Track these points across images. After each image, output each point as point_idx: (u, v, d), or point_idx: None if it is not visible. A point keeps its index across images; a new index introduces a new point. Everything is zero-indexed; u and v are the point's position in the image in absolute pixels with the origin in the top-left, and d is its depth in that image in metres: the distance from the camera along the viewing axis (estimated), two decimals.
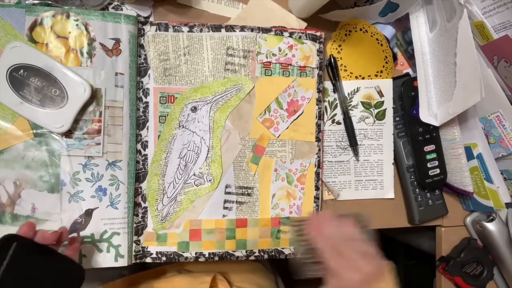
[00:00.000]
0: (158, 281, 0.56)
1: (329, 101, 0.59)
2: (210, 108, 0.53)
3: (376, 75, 0.59)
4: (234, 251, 0.54)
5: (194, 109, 0.53)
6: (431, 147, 0.59)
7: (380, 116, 0.59)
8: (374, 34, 0.58)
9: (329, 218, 0.47)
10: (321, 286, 0.44)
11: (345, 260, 0.42)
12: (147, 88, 0.51)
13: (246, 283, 0.60)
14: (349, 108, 0.59)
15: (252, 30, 0.53)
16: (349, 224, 0.46)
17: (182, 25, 0.52)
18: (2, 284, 0.34)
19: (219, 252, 0.53)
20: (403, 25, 0.59)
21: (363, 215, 0.48)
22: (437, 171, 0.59)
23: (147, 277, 0.58)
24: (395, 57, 0.60)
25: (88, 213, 0.48)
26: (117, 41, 0.48)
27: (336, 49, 0.58)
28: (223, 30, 0.53)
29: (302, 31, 0.55)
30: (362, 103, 0.59)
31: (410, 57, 0.61)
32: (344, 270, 0.41)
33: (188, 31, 0.52)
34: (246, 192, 0.54)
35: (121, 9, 0.52)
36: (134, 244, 0.51)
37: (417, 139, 0.59)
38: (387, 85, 0.59)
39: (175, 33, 0.52)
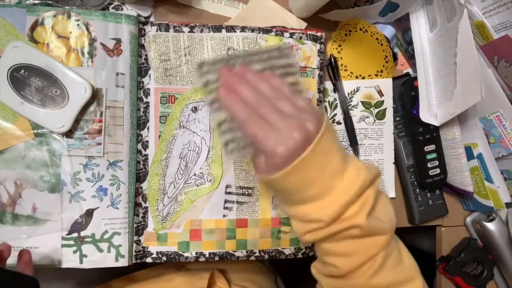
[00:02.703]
0: (156, 279, 0.56)
1: (329, 101, 0.59)
2: None
3: (376, 75, 0.59)
4: (235, 251, 0.54)
5: (195, 109, 0.53)
6: (431, 147, 0.59)
7: (380, 116, 0.59)
8: (374, 34, 0.58)
9: (244, 73, 0.38)
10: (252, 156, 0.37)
11: (271, 129, 0.34)
12: (148, 88, 0.51)
13: (245, 281, 0.60)
14: (349, 108, 0.59)
15: (252, 30, 0.53)
16: (270, 75, 0.38)
17: (182, 25, 0.52)
18: None
19: (220, 252, 0.53)
20: (403, 25, 0.60)
21: (283, 48, 0.40)
22: (437, 171, 0.59)
23: (146, 275, 0.58)
24: (395, 57, 0.60)
25: (89, 213, 0.48)
26: (118, 41, 0.48)
27: (336, 49, 0.58)
28: (223, 30, 0.53)
29: (302, 32, 0.55)
30: (362, 102, 0.59)
31: (410, 57, 0.61)
32: (272, 142, 0.33)
33: (188, 32, 0.52)
34: (246, 192, 0.54)
35: (122, 9, 0.52)
36: (134, 244, 0.51)
37: (417, 139, 0.59)
38: (386, 84, 0.59)
39: (175, 33, 0.52)
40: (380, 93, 0.59)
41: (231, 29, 0.53)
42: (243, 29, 0.53)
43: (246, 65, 0.40)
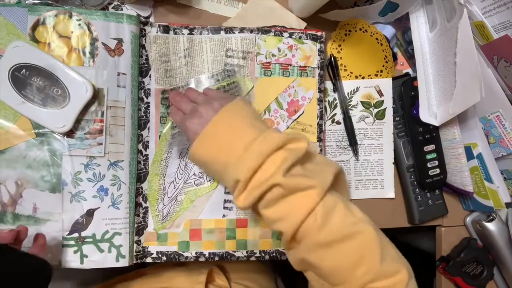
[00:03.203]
0: (156, 276, 0.56)
1: (328, 101, 0.59)
2: None
3: (376, 75, 0.59)
4: (235, 251, 0.54)
5: None
6: (431, 147, 0.59)
7: (380, 116, 0.59)
8: (373, 34, 0.58)
9: (187, 92, 0.50)
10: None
11: (190, 116, 0.45)
12: (148, 89, 0.52)
13: (245, 280, 0.60)
14: (349, 107, 0.59)
15: (251, 31, 0.53)
16: (209, 91, 0.49)
17: (182, 27, 0.52)
18: None
19: (220, 252, 0.53)
20: (403, 25, 0.60)
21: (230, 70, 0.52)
22: (437, 171, 0.59)
23: (145, 273, 0.58)
24: (395, 57, 0.60)
25: (90, 213, 0.48)
26: (120, 41, 0.49)
27: (336, 48, 0.59)
28: (222, 32, 0.53)
29: (302, 31, 0.55)
30: (362, 102, 0.59)
31: (410, 57, 0.61)
32: (188, 123, 0.44)
33: (188, 34, 0.52)
34: None
35: (121, 9, 0.52)
36: (135, 244, 0.51)
37: (417, 139, 0.59)
38: (386, 84, 0.59)
39: (175, 35, 0.52)
40: (380, 93, 0.59)
41: (229, 30, 0.53)
42: (242, 30, 0.53)
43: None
